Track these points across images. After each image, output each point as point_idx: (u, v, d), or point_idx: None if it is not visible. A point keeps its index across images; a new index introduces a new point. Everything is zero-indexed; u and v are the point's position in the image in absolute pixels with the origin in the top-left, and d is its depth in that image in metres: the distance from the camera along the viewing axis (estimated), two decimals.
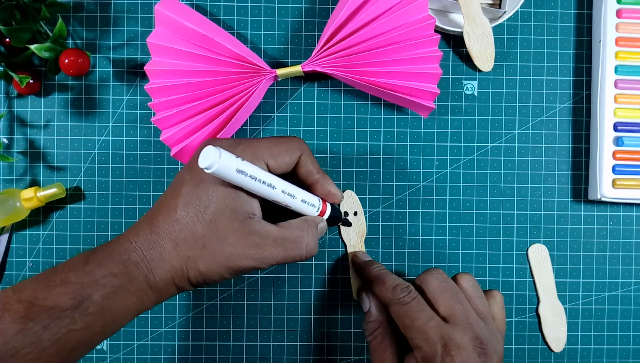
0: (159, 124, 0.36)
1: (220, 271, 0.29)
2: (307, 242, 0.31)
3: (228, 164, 0.26)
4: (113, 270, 0.27)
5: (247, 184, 0.28)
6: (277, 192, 0.30)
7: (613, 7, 0.38)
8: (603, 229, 0.40)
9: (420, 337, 0.30)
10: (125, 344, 0.39)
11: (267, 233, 0.30)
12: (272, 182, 0.29)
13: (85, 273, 0.27)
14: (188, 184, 0.29)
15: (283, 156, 0.31)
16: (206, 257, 0.29)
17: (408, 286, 0.32)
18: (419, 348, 0.30)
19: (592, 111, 0.39)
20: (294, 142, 0.32)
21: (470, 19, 0.37)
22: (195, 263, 0.29)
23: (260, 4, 0.39)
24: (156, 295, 0.29)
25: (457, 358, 0.29)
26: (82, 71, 0.36)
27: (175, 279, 0.29)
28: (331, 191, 0.34)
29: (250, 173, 0.28)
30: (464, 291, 0.32)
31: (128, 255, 0.28)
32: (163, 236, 0.29)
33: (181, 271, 0.29)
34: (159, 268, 0.28)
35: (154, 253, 0.28)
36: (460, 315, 0.31)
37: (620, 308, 0.40)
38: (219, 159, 0.26)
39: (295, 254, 0.31)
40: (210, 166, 0.26)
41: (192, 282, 0.29)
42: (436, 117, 0.40)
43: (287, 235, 0.30)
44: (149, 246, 0.28)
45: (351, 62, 0.35)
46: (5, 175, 0.39)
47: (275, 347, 0.39)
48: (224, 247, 0.29)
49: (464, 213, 0.40)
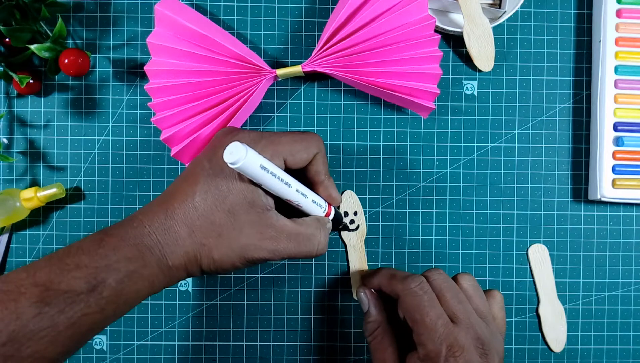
0: (159, 124, 0.36)
1: (234, 260, 0.30)
2: (320, 240, 0.32)
3: (253, 161, 0.27)
4: (127, 254, 0.27)
5: (267, 180, 0.29)
6: (292, 190, 0.30)
7: (613, 7, 0.38)
8: (603, 229, 0.40)
9: (427, 333, 0.30)
10: (125, 344, 0.39)
11: (282, 227, 0.30)
12: (288, 181, 0.30)
13: (99, 257, 0.27)
14: (207, 172, 0.30)
15: (301, 153, 0.32)
16: (222, 246, 0.29)
17: (421, 278, 0.32)
18: (423, 345, 0.30)
19: (592, 111, 0.39)
20: (313, 140, 0.32)
21: (470, 19, 0.37)
22: (209, 250, 0.29)
23: (260, 4, 0.39)
24: (167, 279, 0.29)
25: (460, 360, 0.29)
26: (82, 71, 0.36)
27: (187, 265, 0.29)
28: (332, 195, 0.35)
29: (271, 170, 0.28)
30: (464, 291, 0.32)
31: (142, 239, 0.28)
32: (179, 221, 0.29)
33: (194, 258, 0.29)
34: (172, 254, 0.29)
35: (168, 239, 0.29)
36: (462, 315, 0.31)
37: (620, 308, 0.40)
38: (246, 156, 0.26)
39: (308, 250, 0.31)
40: (236, 162, 0.26)
41: (203, 269, 0.30)
42: (436, 117, 0.40)
43: (302, 231, 0.31)
44: (164, 231, 0.29)
45: (351, 62, 0.35)
46: (5, 175, 0.39)
47: (275, 347, 0.39)
48: (241, 237, 0.29)
49: (464, 213, 0.40)
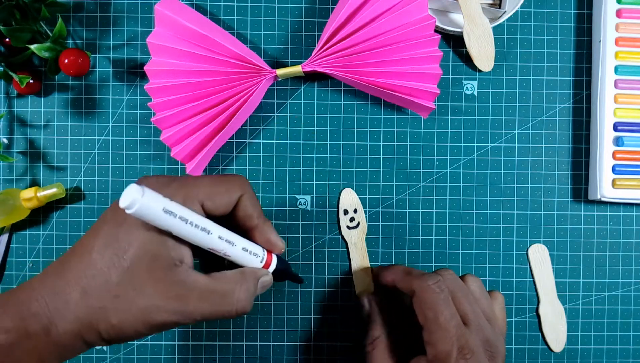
0: (159, 124, 0.36)
1: (136, 325, 0.25)
2: (238, 297, 0.27)
3: (152, 204, 0.23)
4: (6, 325, 0.24)
5: (177, 227, 0.25)
6: (212, 238, 0.26)
7: (613, 7, 0.38)
8: (603, 229, 0.40)
9: (439, 333, 0.29)
10: (125, 344, 0.39)
11: (193, 284, 0.26)
12: (206, 226, 0.26)
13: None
14: (108, 224, 0.26)
15: (221, 196, 0.28)
16: (119, 309, 0.25)
17: (438, 277, 0.31)
18: (433, 345, 0.29)
19: (592, 111, 0.39)
20: (236, 181, 0.29)
21: (470, 19, 0.37)
22: (106, 315, 0.25)
23: (260, 4, 0.39)
24: (59, 351, 0.25)
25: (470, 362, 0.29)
26: (82, 71, 0.36)
27: (82, 333, 0.25)
28: (271, 240, 0.30)
29: (180, 215, 0.24)
30: (472, 293, 0.32)
31: (28, 305, 0.25)
32: (72, 282, 0.25)
33: (89, 324, 0.25)
34: (62, 320, 0.25)
35: (58, 302, 0.25)
36: (473, 317, 0.31)
37: (620, 308, 0.40)
38: (142, 198, 0.23)
39: (224, 309, 0.27)
40: (131, 206, 0.22)
41: (103, 337, 0.26)
42: (436, 117, 0.40)
43: (217, 287, 0.27)
44: (54, 293, 0.25)
45: (351, 62, 0.35)
46: (5, 175, 0.39)
47: (275, 347, 0.39)
48: (140, 298, 0.25)
49: (464, 213, 0.40)
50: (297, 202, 0.39)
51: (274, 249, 0.30)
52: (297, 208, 0.39)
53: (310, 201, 0.39)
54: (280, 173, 0.39)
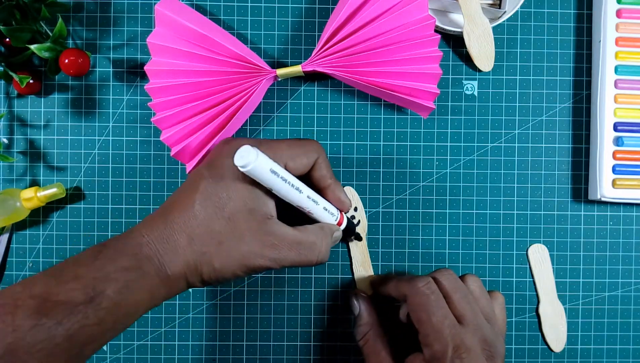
0: (159, 124, 0.36)
1: (234, 269, 0.29)
2: (320, 249, 0.31)
3: (264, 165, 0.27)
4: (125, 264, 0.27)
5: (277, 185, 0.28)
6: (302, 197, 0.30)
7: (613, 7, 0.38)
8: (603, 229, 0.40)
9: (433, 334, 0.30)
10: (125, 344, 0.39)
11: (283, 235, 0.30)
12: (299, 186, 0.30)
13: (96, 268, 0.26)
14: (207, 180, 0.29)
15: (301, 158, 0.31)
16: (222, 254, 0.29)
17: (428, 279, 0.32)
18: (428, 346, 0.30)
19: (592, 111, 0.39)
20: (312, 145, 0.32)
21: (470, 19, 0.37)
22: (210, 259, 0.29)
23: (260, 4, 0.39)
24: (166, 289, 0.29)
25: (466, 361, 0.29)
26: (82, 71, 0.36)
27: (187, 274, 0.29)
28: (341, 198, 0.34)
29: (282, 175, 0.28)
30: (471, 293, 0.32)
31: (140, 249, 0.28)
32: (178, 230, 0.28)
33: (194, 267, 0.29)
34: (172, 263, 0.28)
35: (167, 248, 0.28)
36: (470, 316, 0.31)
37: (620, 308, 0.40)
38: (257, 159, 0.26)
39: (308, 259, 0.31)
40: (246, 165, 0.26)
41: (204, 279, 0.29)
42: (436, 117, 0.40)
43: (303, 239, 0.30)
44: (163, 240, 0.28)
45: (351, 62, 0.35)
46: (5, 175, 0.39)
47: (275, 347, 0.39)
48: (241, 245, 0.29)
49: (464, 213, 0.40)
50: None
51: (344, 207, 0.34)
52: None
53: None
54: None
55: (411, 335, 0.32)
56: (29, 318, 0.24)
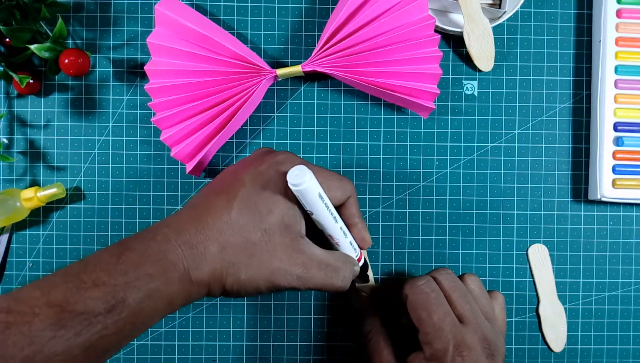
0: (159, 124, 0.36)
1: (260, 283, 0.28)
2: (345, 275, 0.31)
3: (314, 188, 0.28)
4: (149, 271, 0.26)
5: (319, 210, 0.29)
6: (336, 226, 0.31)
7: (613, 7, 0.38)
8: (603, 229, 0.40)
9: (434, 332, 0.29)
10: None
11: (313, 255, 0.29)
12: (336, 216, 0.31)
13: (118, 273, 0.25)
14: (247, 189, 0.28)
15: (336, 191, 0.31)
16: (252, 266, 0.28)
17: (427, 277, 0.32)
18: (429, 345, 0.30)
19: (592, 111, 0.39)
20: (349, 183, 0.32)
21: (470, 19, 0.37)
22: (238, 270, 0.27)
23: (260, 4, 0.39)
24: (186, 296, 0.27)
25: (467, 359, 0.28)
26: (82, 71, 0.36)
27: (211, 282, 0.28)
28: (365, 238, 0.34)
29: (326, 201, 0.29)
30: (470, 292, 0.32)
31: (165, 254, 0.26)
32: (211, 237, 0.27)
33: (220, 276, 0.27)
34: (197, 269, 0.27)
35: (196, 253, 0.27)
36: (470, 315, 0.31)
37: (620, 308, 0.40)
38: (310, 181, 0.27)
39: (332, 282, 0.30)
40: (299, 184, 0.27)
41: (226, 289, 0.28)
42: (436, 117, 0.40)
43: (331, 261, 0.30)
44: (192, 245, 0.27)
45: (351, 62, 0.35)
46: (5, 175, 0.39)
47: (275, 347, 0.39)
48: (273, 259, 0.28)
49: (464, 213, 0.40)
50: None
51: (365, 245, 0.34)
52: None
53: None
54: None
55: (412, 335, 0.32)
56: (46, 330, 0.23)
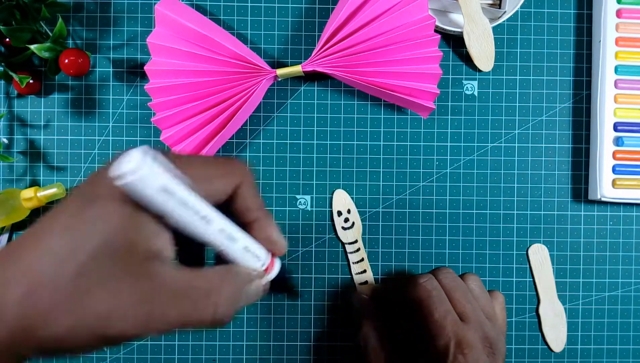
0: (159, 124, 0.36)
1: (82, 336, 0.19)
2: (217, 301, 0.21)
3: (152, 178, 0.18)
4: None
5: (172, 211, 0.19)
6: (212, 230, 0.21)
7: (613, 7, 0.38)
8: (603, 229, 0.40)
9: (435, 329, 0.30)
10: (125, 344, 0.39)
11: (163, 281, 0.20)
12: (208, 215, 0.20)
13: None
14: (76, 202, 0.20)
15: (219, 181, 0.22)
16: (73, 312, 0.19)
17: (429, 275, 0.32)
18: (431, 342, 0.30)
19: (592, 111, 0.39)
20: (233, 166, 0.23)
21: (470, 19, 0.37)
22: (53, 320, 0.19)
23: (260, 4, 0.39)
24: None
25: (469, 357, 0.29)
26: (82, 71, 0.36)
27: (16, 340, 0.18)
28: (272, 237, 0.24)
29: (179, 196, 0.19)
30: (471, 291, 0.33)
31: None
32: (18, 275, 0.19)
33: (29, 331, 0.19)
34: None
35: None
36: (471, 314, 0.31)
37: (620, 308, 0.40)
38: (142, 168, 0.17)
39: (196, 316, 0.20)
40: (124, 175, 0.17)
41: (42, 347, 0.19)
42: (436, 117, 0.40)
43: (194, 285, 0.20)
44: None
45: (351, 62, 0.35)
46: (5, 175, 0.39)
47: (275, 347, 0.39)
48: (100, 297, 0.19)
49: (464, 213, 0.40)
50: (297, 202, 0.39)
51: (275, 248, 0.25)
52: (297, 208, 0.39)
53: (310, 201, 0.39)
54: (280, 173, 0.39)
55: (411, 335, 0.32)
56: None
